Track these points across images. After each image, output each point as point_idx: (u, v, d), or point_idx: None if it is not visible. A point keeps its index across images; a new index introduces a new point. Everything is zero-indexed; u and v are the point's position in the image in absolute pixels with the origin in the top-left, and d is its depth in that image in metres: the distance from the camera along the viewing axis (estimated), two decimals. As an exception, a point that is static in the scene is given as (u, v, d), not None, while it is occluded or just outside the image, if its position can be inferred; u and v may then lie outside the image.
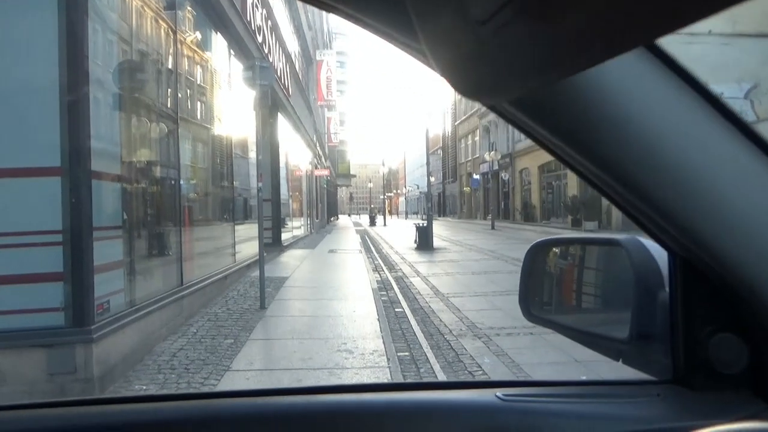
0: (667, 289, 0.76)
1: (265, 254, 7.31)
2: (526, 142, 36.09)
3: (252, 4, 10.34)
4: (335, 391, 0.90)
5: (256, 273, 8.13)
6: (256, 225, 7.99)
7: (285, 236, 15.49)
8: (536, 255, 1.03)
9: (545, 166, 33.50)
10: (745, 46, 21.73)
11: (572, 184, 28.86)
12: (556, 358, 4.78)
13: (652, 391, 0.79)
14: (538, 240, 1.04)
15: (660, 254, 0.77)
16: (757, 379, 0.73)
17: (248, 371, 4.41)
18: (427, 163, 19.02)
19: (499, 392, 0.82)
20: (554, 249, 1.08)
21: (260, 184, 7.16)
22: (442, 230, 27.11)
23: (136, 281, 5.19)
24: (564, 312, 1.04)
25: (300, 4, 20.15)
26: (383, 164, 56.28)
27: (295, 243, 17.27)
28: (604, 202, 25.13)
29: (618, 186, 0.67)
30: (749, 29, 21.00)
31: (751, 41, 21.61)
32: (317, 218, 29.76)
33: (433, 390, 0.95)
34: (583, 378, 1.21)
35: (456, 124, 55.83)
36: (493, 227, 28.96)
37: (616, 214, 24.30)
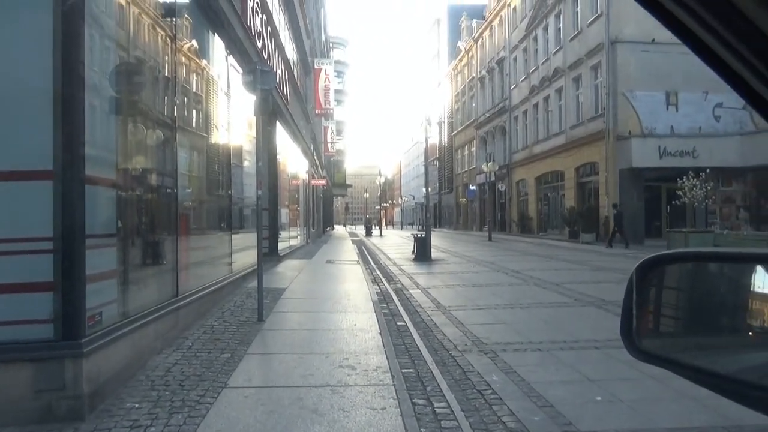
0: None
1: (262, 264, 7.11)
2: (523, 153, 36.10)
3: (252, 8, 10.21)
4: None
5: (252, 284, 7.93)
6: (252, 234, 7.82)
7: (281, 246, 15.28)
8: (648, 274, 0.83)
9: (542, 177, 33.50)
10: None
11: (569, 195, 28.83)
12: (568, 376, 4.60)
13: None
14: (652, 255, 0.84)
15: None
16: None
17: (246, 388, 4.19)
18: (426, 173, 18.88)
19: None
20: (672, 267, 0.88)
21: (260, 192, 6.97)
22: (439, 241, 26.92)
23: (129, 291, 4.97)
24: (686, 349, 0.83)
25: (299, 10, 20.06)
26: (380, 174, 56.17)
27: (292, 253, 17.05)
28: (602, 213, 25.08)
29: None
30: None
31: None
32: (313, 228, 29.54)
33: None
34: None
35: (453, 134, 55.85)
36: (490, 238, 28.80)
37: (614, 226, 24.20)
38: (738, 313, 0.79)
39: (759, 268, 0.75)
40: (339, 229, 59.16)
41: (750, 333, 0.75)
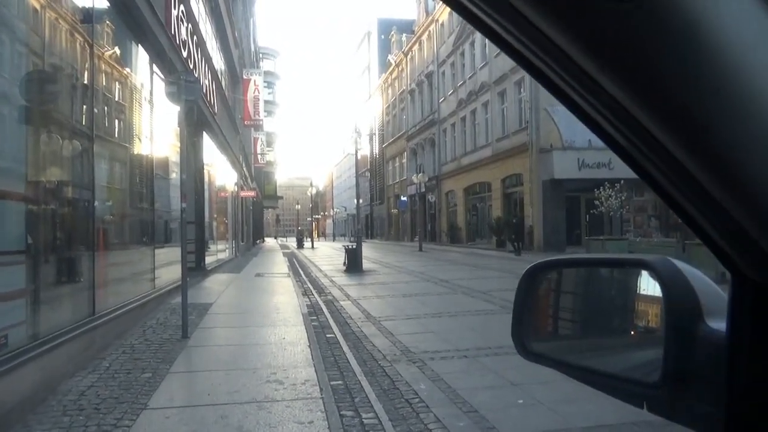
0: (710, 322, 0.61)
1: (187, 279, 6.89)
2: (452, 165, 36.97)
3: (177, 17, 9.95)
4: None
5: (177, 299, 7.66)
6: (178, 248, 7.55)
7: (209, 260, 14.86)
8: (534, 280, 0.89)
9: (470, 188, 34.40)
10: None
11: (496, 205, 29.77)
12: (492, 381, 4.74)
13: None
14: (537, 262, 0.90)
15: (698, 279, 0.65)
16: None
17: (168, 409, 4.05)
18: (357, 185, 18.98)
19: None
20: (558, 272, 0.94)
21: (184, 205, 6.77)
22: (370, 252, 27.04)
23: (40, 312, 4.70)
24: (571, 349, 0.88)
25: (227, 20, 19.74)
26: (311, 185, 55.84)
27: (220, 267, 16.61)
28: (527, 223, 26.05)
29: (691, 160, 0.45)
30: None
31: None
32: (243, 241, 28.90)
33: None
34: None
35: (384, 146, 56.41)
36: (420, 249, 29.23)
37: (538, 235, 25.21)
38: (623, 315, 0.86)
39: (643, 273, 0.81)
40: (270, 242, 58.15)
41: (632, 333, 0.82)
